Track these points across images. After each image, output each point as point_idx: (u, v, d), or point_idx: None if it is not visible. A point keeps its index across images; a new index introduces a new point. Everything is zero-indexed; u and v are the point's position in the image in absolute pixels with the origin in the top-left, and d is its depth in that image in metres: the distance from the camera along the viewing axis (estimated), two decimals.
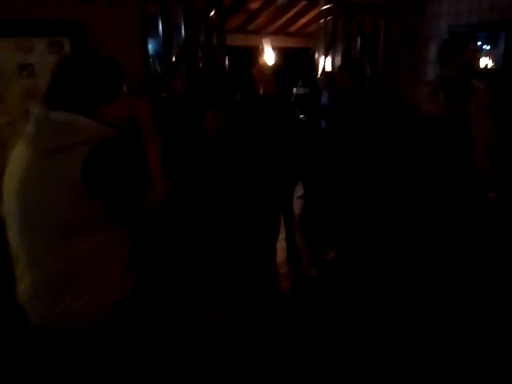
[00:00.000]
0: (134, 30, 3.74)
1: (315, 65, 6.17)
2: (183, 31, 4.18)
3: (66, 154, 1.22)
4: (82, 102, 1.30)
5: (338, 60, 5.29)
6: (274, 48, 8.65)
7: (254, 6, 7.40)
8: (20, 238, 1.29)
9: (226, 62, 4.52)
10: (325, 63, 5.59)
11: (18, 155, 1.32)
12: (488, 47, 4.71)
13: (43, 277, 1.28)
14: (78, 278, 1.27)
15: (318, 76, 5.47)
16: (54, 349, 1.34)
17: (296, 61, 8.10)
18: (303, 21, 8.39)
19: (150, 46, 4.08)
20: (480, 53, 4.48)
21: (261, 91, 3.36)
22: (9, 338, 2.35)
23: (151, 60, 4.11)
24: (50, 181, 1.22)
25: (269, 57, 8.49)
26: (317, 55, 5.99)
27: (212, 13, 4.25)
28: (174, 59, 4.19)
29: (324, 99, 4.62)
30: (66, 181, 1.21)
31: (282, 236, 3.75)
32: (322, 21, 5.76)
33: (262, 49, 8.47)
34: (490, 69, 5.52)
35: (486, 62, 5.19)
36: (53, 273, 1.26)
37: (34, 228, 1.26)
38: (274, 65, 5.45)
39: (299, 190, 5.52)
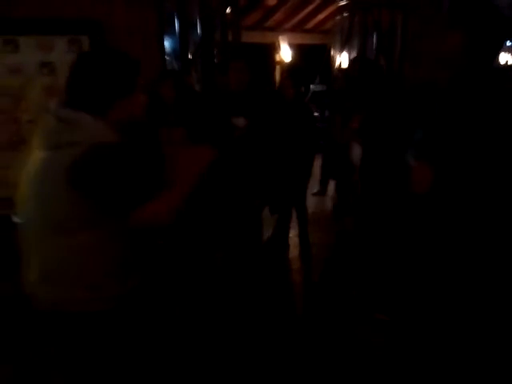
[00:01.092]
0: (151, 28, 3.78)
1: (332, 61, 6.16)
2: (199, 29, 4.22)
3: (61, 152, 1.25)
4: (98, 98, 1.33)
5: (355, 56, 5.27)
6: (290, 45, 8.64)
7: (271, 2, 7.42)
8: (25, 229, 1.35)
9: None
10: (341, 60, 5.58)
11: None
12: (509, 43, 4.63)
13: (43, 265, 1.34)
14: (70, 270, 1.32)
15: (335, 73, 5.46)
16: (57, 332, 1.40)
17: (313, 58, 8.09)
18: (320, 17, 8.37)
19: (167, 44, 4.13)
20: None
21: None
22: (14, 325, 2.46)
23: (168, 58, 4.16)
24: (46, 175, 1.26)
25: (285, 54, 8.49)
26: (333, 52, 5.97)
27: (228, 10, 4.28)
28: (190, 57, 4.24)
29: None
30: (57, 177, 1.24)
31: (295, 232, 3.77)
32: (338, 17, 5.74)
33: (279, 46, 8.48)
34: (510, 65, 5.42)
35: (506, 58, 5.11)
36: (50, 263, 1.32)
37: (33, 220, 1.31)
38: (290, 65, 5.45)
39: (314, 187, 5.52)
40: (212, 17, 4.21)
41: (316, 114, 4.57)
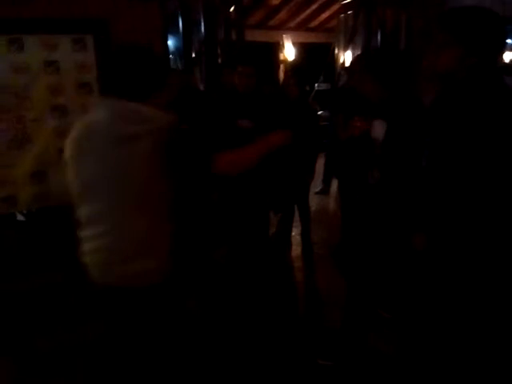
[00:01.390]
0: (155, 27, 3.80)
1: (335, 60, 6.15)
2: (203, 27, 4.23)
3: (139, 140, 1.36)
4: (137, 91, 1.44)
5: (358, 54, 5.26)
6: (294, 43, 8.64)
7: (275, 1, 7.40)
8: (103, 207, 1.45)
9: None
10: (345, 58, 5.57)
11: (85, 138, 1.46)
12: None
13: (121, 239, 1.45)
14: (146, 245, 1.46)
15: (339, 71, 5.45)
16: (114, 306, 1.53)
17: (317, 56, 8.09)
18: (324, 16, 8.34)
19: (171, 43, 4.15)
20: None
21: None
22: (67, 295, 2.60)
23: (172, 56, 4.17)
24: (127, 162, 1.39)
25: (289, 52, 8.49)
26: (337, 50, 5.97)
27: (231, 9, 4.29)
28: (193, 55, 4.26)
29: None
30: (142, 162, 1.37)
31: (297, 230, 3.78)
32: (342, 15, 5.73)
33: (283, 45, 8.48)
34: None
35: (511, 56, 5.08)
36: (130, 237, 1.44)
37: (116, 200, 1.43)
38: (294, 64, 5.45)
39: (317, 186, 5.53)
40: (216, 16, 4.23)
41: (320, 112, 4.56)
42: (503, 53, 4.29)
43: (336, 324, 2.45)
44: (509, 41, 4.46)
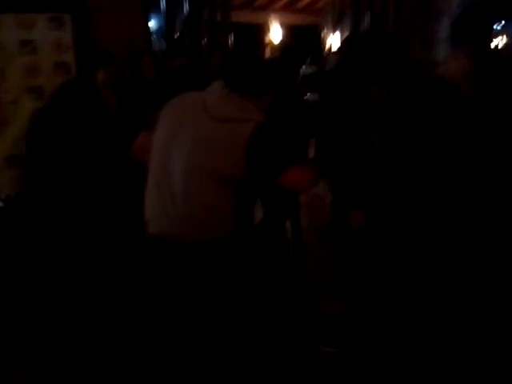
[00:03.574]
0: (136, 5, 3.66)
1: (323, 42, 6.05)
2: (186, 7, 4.09)
3: (236, 124, 1.57)
4: (250, 89, 1.64)
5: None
6: (281, 25, 8.49)
7: None
8: (183, 176, 1.61)
9: (231, 40, 4.44)
10: (333, 40, 5.48)
11: (185, 116, 1.65)
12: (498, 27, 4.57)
13: (193, 206, 1.61)
14: (214, 214, 1.62)
15: (326, 53, 5.36)
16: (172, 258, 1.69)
17: (304, 38, 7.97)
18: None
19: (152, 23, 4.01)
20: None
21: None
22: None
23: (153, 36, 4.04)
24: (220, 141, 1.56)
25: (276, 34, 8.34)
26: (324, 32, 5.86)
27: None
28: (176, 36, 4.12)
29: None
30: (233, 143, 1.55)
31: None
32: None
33: (269, 26, 8.33)
34: (502, 48, 5.36)
35: (496, 41, 5.04)
36: (201, 205, 1.61)
37: (198, 172, 1.58)
38: (280, 46, 5.32)
39: None
40: None
41: (308, 95, 4.47)
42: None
43: (331, 310, 2.45)
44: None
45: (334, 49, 5.35)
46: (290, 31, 8.67)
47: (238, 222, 1.70)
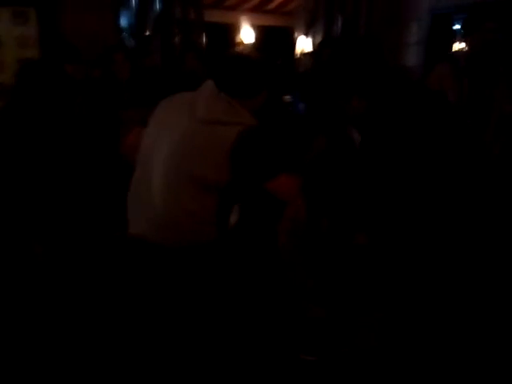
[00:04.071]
0: (106, 2, 3.52)
1: (294, 44, 6.04)
2: (158, 4, 3.98)
3: (222, 127, 1.49)
4: (239, 91, 1.56)
5: (319, 40, 5.16)
6: (252, 25, 8.43)
7: None
8: (162, 180, 1.55)
9: (204, 39, 4.35)
10: (305, 43, 5.47)
11: (169, 116, 1.61)
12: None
13: (171, 210, 1.56)
14: (194, 219, 1.57)
15: (298, 56, 5.35)
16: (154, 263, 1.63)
17: (274, 40, 7.93)
18: None
19: (123, 19, 3.88)
20: None
21: None
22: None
23: (123, 34, 3.90)
24: (203, 145, 1.49)
25: (246, 35, 8.27)
26: (296, 34, 5.85)
27: None
28: (147, 33, 3.99)
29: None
30: (217, 148, 1.48)
31: None
32: None
33: (240, 26, 8.25)
34: (463, 51, 5.49)
35: (457, 45, 5.16)
36: (180, 210, 1.55)
37: (177, 176, 1.52)
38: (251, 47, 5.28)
39: None
40: None
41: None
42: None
43: (312, 317, 2.42)
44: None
45: (307, 50, 5.34)
46: (260, 32, 8.63)
47: (220, 227, 1.64)
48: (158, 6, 3.99)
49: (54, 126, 2.33)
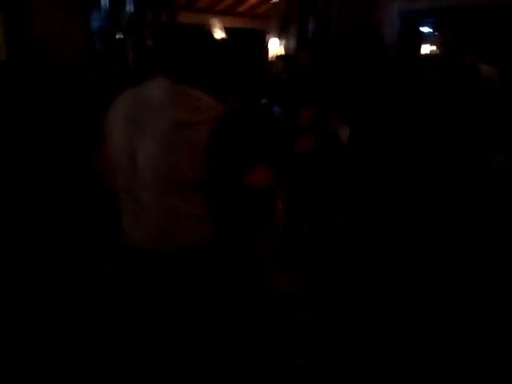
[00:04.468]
0: (75, 3, 3.43)
1: (266, 47, 6.05)
2: (129, 7, 3.90)
3: (191, 130, 1.39)
4: (195, 76, 1.45)
5: (292, 43, 5.19)
6: (223, 28, 8.41)
7: None
8: (147, 188, 1.50)
9: None
10: (277, 45, 5.49)
11: (140, 120, 1.45)
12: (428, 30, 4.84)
13: (161, 214, 1.51)
14: (185, 219, 1.53)
15: (273, 59, 5.35)
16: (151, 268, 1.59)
17: (245, 42, 7.93)
18: (253, 1, 8.19)
19: (93, 22, 3.78)
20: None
21: None
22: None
23: (94, 37, 3.81)
24: (179, 149, 1.41)
25: (218, 37, 8.25)
26: (268, 37, 5.87)
27: None
28: (118, 36, 3.91)
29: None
30: (192, 150, 1.41)
31: None
32: (273, 0, 5.62)
33: (212, 28, 8.21)
34: (433, 54, 5.64)
35: (427, 48, 5.29)
36: (169, 212, 1.51)
37: (162, 180, 1.46)
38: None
39: None
40: None
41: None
42: None
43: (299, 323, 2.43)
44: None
45: (280, 53, 5.36)
46: (231, 34, 8.62)
47: (217, 225, 1.61)
48: (129, 9, 3.90)
49: (22, 130, 2.26)
